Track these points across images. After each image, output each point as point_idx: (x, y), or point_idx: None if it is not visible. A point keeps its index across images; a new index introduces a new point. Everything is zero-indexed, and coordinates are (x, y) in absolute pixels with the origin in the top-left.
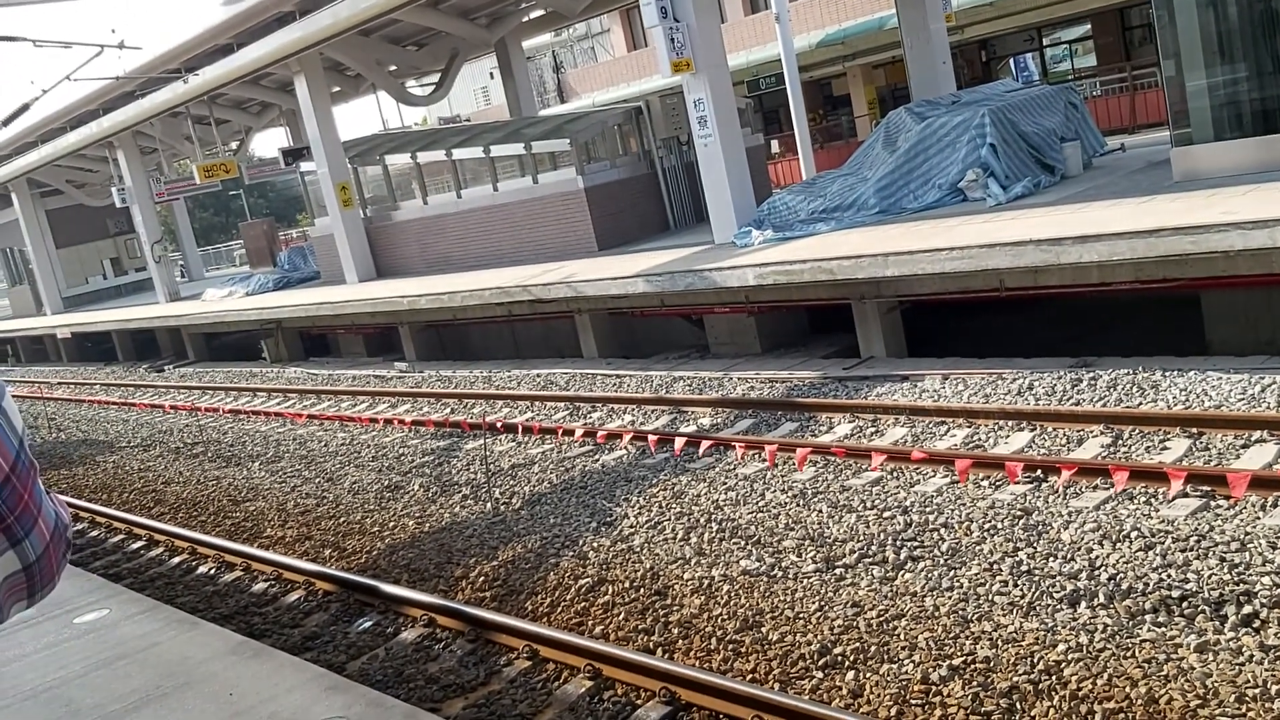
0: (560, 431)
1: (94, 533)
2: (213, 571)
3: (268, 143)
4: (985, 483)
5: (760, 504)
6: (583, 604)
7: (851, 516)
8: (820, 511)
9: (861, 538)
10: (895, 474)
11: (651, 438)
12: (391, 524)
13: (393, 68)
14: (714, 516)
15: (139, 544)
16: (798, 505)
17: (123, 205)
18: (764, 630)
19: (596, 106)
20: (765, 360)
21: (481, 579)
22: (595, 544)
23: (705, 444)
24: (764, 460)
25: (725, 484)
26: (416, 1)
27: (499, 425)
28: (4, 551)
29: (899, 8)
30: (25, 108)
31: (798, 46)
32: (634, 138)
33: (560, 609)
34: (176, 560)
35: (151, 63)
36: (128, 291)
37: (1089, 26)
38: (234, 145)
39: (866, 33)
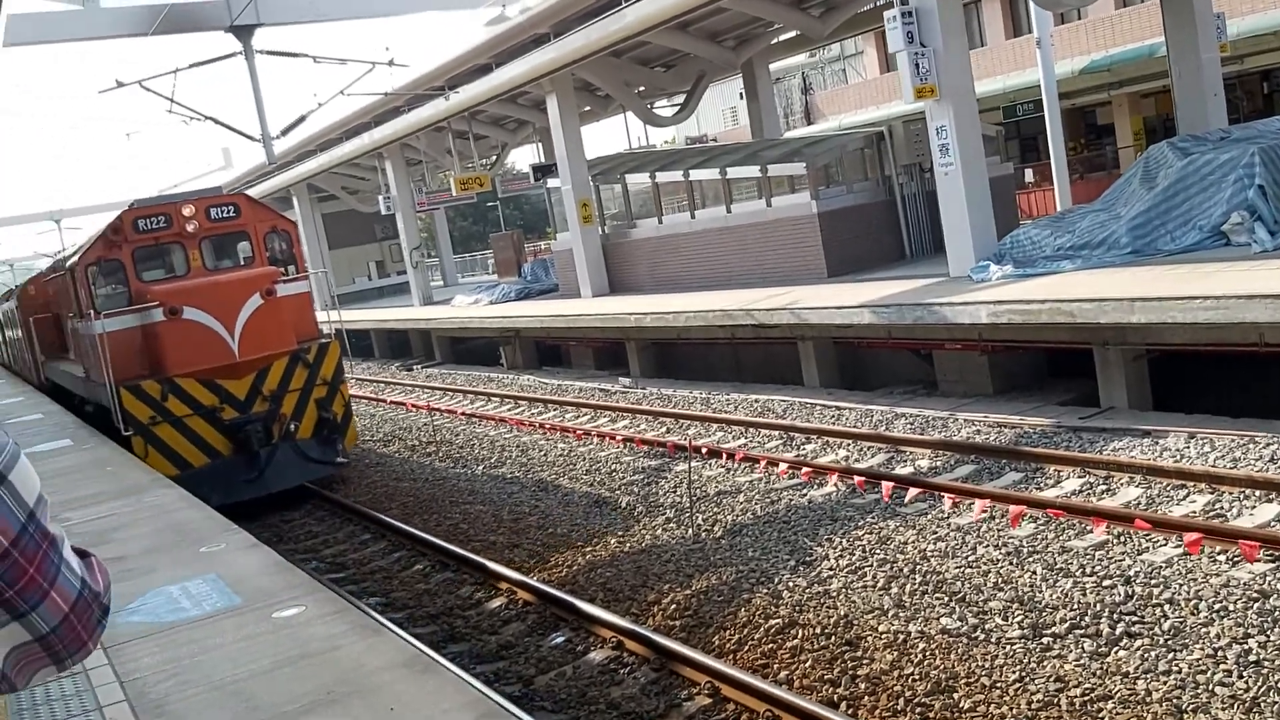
0: (764, 462)
1: (331, 521)
2: (426, 570)
3: (523, 158)
4: (1222, 558)
5: (970, 558)
6: (770, 645)
7: (1068, 581)
8: (1034, 573)
9: (1076, 606)
10: (1121, 539)
11: (858, 479)
12: (594, 540)
13: (640, 88)
14: (919, 567)
15: (367, 536)
16: (1010, 564)
17: (388, 212)
18: (956, 696)
19: (841, 130)
20: (996, 402)
21: (673, 606)
22: (791, 583)
23: (913, 490)
24: (980, 512)
25: (935, 533)
26: (666, 24)
27: (704, 450)
28: (5, 624)
29: (1168, 35)
30: (302, 119)
31: (1060, 72)
32: (873, 163)
33: (747, 647)
34: (396, 555)
35: (417, 80)
36: (389, 293)
37: None
38: (490, 159)
39: (1135, 60)
